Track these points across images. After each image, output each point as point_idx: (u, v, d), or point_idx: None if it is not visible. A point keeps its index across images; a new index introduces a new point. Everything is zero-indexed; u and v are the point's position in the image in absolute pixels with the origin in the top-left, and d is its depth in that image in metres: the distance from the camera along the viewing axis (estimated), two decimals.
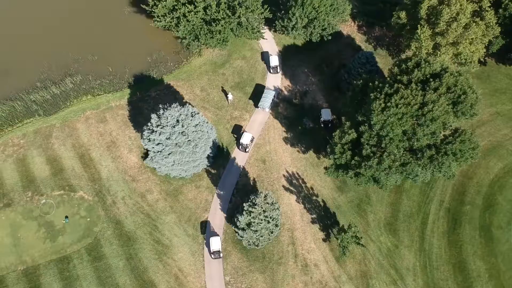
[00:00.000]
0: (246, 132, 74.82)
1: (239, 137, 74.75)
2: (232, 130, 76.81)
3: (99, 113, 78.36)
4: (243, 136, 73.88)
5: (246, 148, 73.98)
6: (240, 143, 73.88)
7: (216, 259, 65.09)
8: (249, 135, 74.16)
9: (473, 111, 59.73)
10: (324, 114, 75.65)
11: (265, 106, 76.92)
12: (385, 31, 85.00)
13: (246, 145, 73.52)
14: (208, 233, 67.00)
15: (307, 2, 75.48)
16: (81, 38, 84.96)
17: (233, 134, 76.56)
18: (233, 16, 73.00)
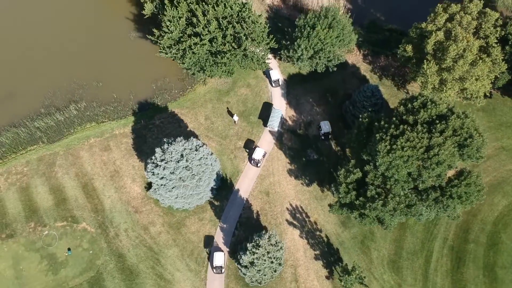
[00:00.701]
0: (258, 147, 75.64)
1: (251, 151, 75.60)
2: (244, 145, 77.58)
3: (103, 141, 78.21)
4: (256, 151, 74.61)
5: (258, 163, 74.64)
6: (252, 158, 74.68)
7: (217, 273, 65.99)
8: (262, 150, 74.93)
9: (479, 154, 59.48)
10: (323, 127, 76.66)
11: (274, 125, 77.33)
12: (391, 61, 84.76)
13: (258, 160, 74.26)
14: (211, 268, 66.91)
15: (313, 34, 75.26)
16: (86, 63, 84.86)
17: (245, 149, 77.21)
18: (239, 49, 72.76)
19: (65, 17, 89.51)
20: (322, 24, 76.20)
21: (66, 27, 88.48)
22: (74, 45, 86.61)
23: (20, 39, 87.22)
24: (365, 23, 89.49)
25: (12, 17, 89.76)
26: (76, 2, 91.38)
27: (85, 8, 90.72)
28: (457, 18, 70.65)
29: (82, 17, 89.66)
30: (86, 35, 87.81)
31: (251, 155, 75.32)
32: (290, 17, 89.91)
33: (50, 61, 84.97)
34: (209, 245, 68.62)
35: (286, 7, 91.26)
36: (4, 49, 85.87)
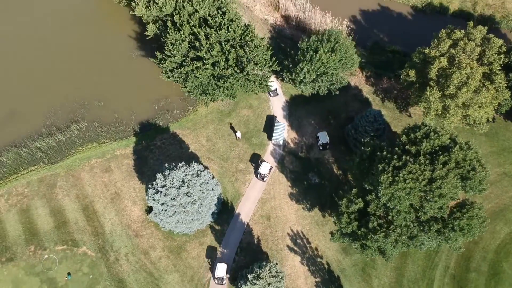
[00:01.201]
0: (264, 162, 75.98)
1: (257, 166, 75.98)
2: (250, 158, 77.77)
3: (104, 162, 77.98)
4: (262, 166, 75.05)
5: (264, 177, 75.08)
6: (258, 173, 75.00)
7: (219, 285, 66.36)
8: (268, 165, 75.32)
9: (482, 186, 59.19)
10: (321, 138, 77.14)
11: (279, 139, 77.89)
12: (393, 83, 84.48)
13: (264, 174, 74.69)
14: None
15: (316, 58, 75.00)
16: (87, 82, 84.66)
17: (251, 163, 77.38)
18: (241, 73, 72.51)
19: (68, 35, 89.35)
20: (325, 47, 75.97)
21: (68, 45, 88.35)
22: (76, 64, 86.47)
23: (21, 57, 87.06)
24: (368, 44, 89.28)
25: (14, 36, 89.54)
26: (78, 20, 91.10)
27: (88, 26, 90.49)
28: (461, 44, 70.39)
29: (84, 35, 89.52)
30: (88, 53, 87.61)
31: (257, 169, 75.64)
32: (292, 37, 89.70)
33: (52, 79, 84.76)
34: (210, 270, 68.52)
35: (289, 27, 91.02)
36: (6, 68, 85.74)
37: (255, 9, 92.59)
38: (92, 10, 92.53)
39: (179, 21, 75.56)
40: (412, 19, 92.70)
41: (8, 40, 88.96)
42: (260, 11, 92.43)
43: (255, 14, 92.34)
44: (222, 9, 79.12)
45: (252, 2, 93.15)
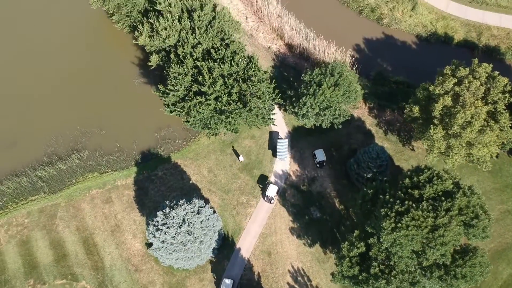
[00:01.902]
0: (272, 184, 76.26)
1: (265, 187, 76.39)
2: (257, 180, 78.19)
3: (104, 193, 77.63)
4: (269, 188, 75.34)
5: (271, 200, 75.46)
6: (265, 195, 75.37)
7: None
8: (275, 187, 75.61)
9: (485, 234, 58.65)
10: (318, 155, 78.14)
11: (283, 156, 78.61)
12: (397, 115, 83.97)
13: (271, 197, 75.09)
14: None
15: (319, 92, 74.55)
16: (89, 109, 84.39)
17: (259, 184, 77.66)
18: (244, 109, 72.09)
19: (70, 61, 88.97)
20: (328, 81, 75.50)
21: (70, 71, 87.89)
22: (77, 90, 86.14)
23: (23, 84, 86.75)
24: (372, 74, 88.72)
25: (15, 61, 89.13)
26: (80, 45, 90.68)
27: (90, 52, 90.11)
28: (465, 83, 69.81)
29: (86, 60, 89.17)
30: (90, 79, 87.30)
31: (264, 191, 76.04)
32: (296, 66, 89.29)
33: (53, 106, 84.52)
34: None
35: (293, 55, 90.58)
36: (7, 94, 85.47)
37: (258, 36, 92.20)
38: (94, 36, 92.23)
39: (182, 53, 75.15)
40: (417, 48, 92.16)
41: (9, 66, 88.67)
42: (263, 39, 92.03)
43: (258, 42, 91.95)
44: (226, 40, 78.78)
45: (256, 30, 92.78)
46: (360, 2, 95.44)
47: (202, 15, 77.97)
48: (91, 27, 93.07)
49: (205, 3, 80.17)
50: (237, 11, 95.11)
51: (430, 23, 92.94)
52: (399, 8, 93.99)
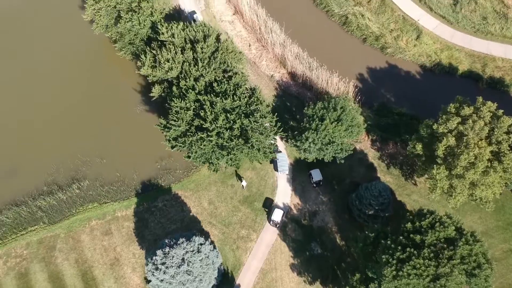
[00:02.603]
0: (277, 208, 76.47)
1: (270, 211, 76.97)
2: (263, 204, 78.53)
3: (104, 224, 77.24)
4: (274, 212, 75.87)
5: (277, 224, 75.75)
6: (271, 219, 75.66)
7: None
8: (280, 211, 75.79)
9: (487, 284, 58.01)
10: (314, 175, 78.92)
11: (285, 170, 79.16)
12: (399, 148, 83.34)
13: (277, 222, 75.54)
14: None
15: (322, 128, 73.97)
16: (90, 137, 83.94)
17: (264, 209, 78.10)
18: (246, 145, 71.60)
19: (71, 88, 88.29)
20: (331, 116, 74.98)
21: (71, 98, 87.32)
22: (79, 117, 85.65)
23: (22, 111, 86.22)
24: (375, 104, 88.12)
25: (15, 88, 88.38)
26: (82, 72, 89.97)
27: (92, 78, 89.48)
28: (469, 123, 69.11)
29: (88, 87, 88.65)
30: (92, 106, 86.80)
31: (269, 215, 76.37)
32: (298, 96, 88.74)
33: (54, 134, 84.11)
34: None
35: (295, 84, 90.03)
36: (7, 121, 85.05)
37: (261, 64, 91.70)
38: (96, 62, 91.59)
39: (185, 86, 74.73)
40: (420, 79, 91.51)
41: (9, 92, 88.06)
42: (266, 67, 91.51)
43: (261, 70, 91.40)
44: (228, 72, 78.34)
45: (259, 58, 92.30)
46: (364, 30, 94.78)
47: (205, 47, 77.50)
48: (93, 53, 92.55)
49: (208, 34, 79.70)
50: (240, 38, 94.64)
51: (434, 53, 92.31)
52: (403, 37, 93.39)
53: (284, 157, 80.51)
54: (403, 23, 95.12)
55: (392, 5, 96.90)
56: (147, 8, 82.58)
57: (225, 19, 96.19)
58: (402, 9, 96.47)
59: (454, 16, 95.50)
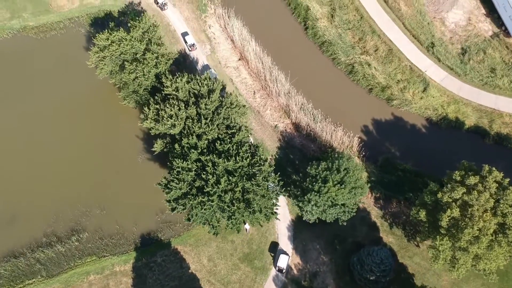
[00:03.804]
0: (282, 254, 76.47)
1: (276, 256, 77.37)
2: (268, 248, 78.48)
3: (102, 279, 76.43)
4: (280, 259, 76.44)
5: (283, 270, 75.86)
6: (277, 266, 76.10)
7: None
8: (286, 257, 76.39)
9: None
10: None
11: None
12: (403, 207, 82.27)
13: (282, 268, 75.68)
14: None
15: (324, 190, 73.01)
16: (91, 186, 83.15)
17: (270, 253, 78.07)
18: (247, 209, 70.72)
19: (72, 134, 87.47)
20: (334, 178, 73.93)
21: (72, 144, 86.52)
22: (80, 165, 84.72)
23: (23, 158, 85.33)
24: (379, 159, 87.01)
25: (16, 136, 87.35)
26: (84, 117, 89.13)
27: (94, 125, 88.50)
28: (474, 194, 67.96)
29: (90, 134, 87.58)
30: (93, 153, 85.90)
31: (275, 261, 76.71)
32: (302, 148, 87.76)
33: (55, 181, 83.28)
34: None
35: (299, 135, 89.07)
36: (7, 169, 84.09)
37: (265, 114, 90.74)
38: (99, 108, 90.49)
39: (187, 144, 73.94)
40: (426, 133, 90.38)
41: (8, 138, 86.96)
42: (270, 116, 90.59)
43: (265, 119, 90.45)
44: (232, 129, 77.44)
45: (263, 106, 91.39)
46: (370, 80, 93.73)
47: (209, 103, 76.67)
48: (96, 98, 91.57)
49: (213, 89, 78.84)
50: (245, 85, 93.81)
51: (441, 106, 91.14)
52: (410, 88, 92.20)
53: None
54: (410, 74, 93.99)
55: (400, 55, 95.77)
56: (152, 59, 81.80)
57: (230, 65, 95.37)
58: (409, 59, 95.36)
59: (462, 68, 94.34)
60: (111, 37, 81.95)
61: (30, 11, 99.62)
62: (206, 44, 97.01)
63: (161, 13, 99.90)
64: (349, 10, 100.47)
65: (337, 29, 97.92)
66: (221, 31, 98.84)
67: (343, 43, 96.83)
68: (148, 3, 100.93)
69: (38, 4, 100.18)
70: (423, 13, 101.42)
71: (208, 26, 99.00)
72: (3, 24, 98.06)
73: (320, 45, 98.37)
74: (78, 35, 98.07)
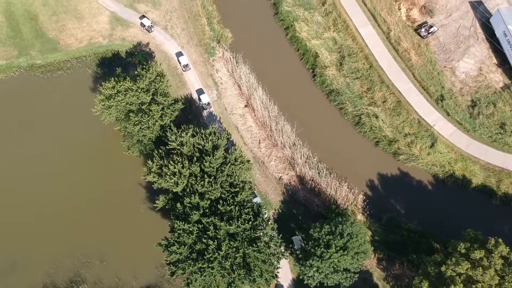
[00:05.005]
0: None
1: None
2: None
3: None
4: None
5: None
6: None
7: None
8: None
9: None
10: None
11: None
12: (406, 270, 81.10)
13: None
14: None
15: (327, 256, 72.03)
16: (92, 235, 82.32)
17: None
18: (248, 277, 69.86)
19: (73, 181, 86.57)
20: (337, 243, 72.90)
21: (73, 191, 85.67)
22: (81, 213, 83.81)
23: (25, 205, 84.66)
24: (384, 218, 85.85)
25: (19, 181, 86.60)
26: (87, 163, 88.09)
27: (96, 171, 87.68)
28: (479, 271, 66.81)
29: (93, 182, 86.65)
30: (94, 203, 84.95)
31: None
32: (306, 203, 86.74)
33: (55, 230, 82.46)
34: None
35: (303, 188, 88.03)
36: (8, 216, 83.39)
37: (270, 165, 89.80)
38: (101, 153, 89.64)
39: (189, 204, 73.26)
40: (432, 190, 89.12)
41: (9, 184, 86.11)
42: (275, 167, 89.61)
43: (269, 171, 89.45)
44: (235, 187, 76.62)
45: (268, 157, 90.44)
46: (377, 133, 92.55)
47: (213, 160, 75.90)
48: (100, 144, 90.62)
49: (217, 145, 78.06)
50: (251, 133, 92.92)
51: (448, 163, 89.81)
52: (417, 143, 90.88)
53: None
54: (418, 128, 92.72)
55: (408, 107, 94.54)
56: (157, 111, 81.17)
57: (236, 112, 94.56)
58: (418, 112, 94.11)
59: (471, 123, 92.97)
60: (117, 86, 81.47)
61: (38, 49, 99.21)
62: (212, 89, 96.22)
63: (169, 55, 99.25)
64: (358, 58, 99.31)
65: (345, 78, 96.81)
66: (228, 76, 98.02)
67: (351, 93, 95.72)
68: (156, 44, 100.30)
69: (46, 42, 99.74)
70: (433, 62, 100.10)
71: (215, 70, 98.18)
72: (11, 62, 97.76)
73: (327, 93, 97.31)
74: (85, 76, 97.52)
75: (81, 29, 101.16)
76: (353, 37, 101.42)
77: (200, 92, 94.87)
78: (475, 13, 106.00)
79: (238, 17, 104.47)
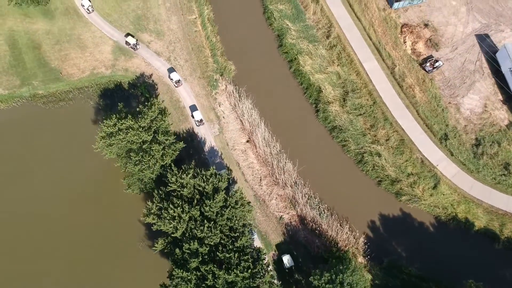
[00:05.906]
0: None
1: None
2: None
3: None
4: None
5: None
6: None
7: None
8: None
9: None
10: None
11: None
12: None
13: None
14: None
15: None
16: (89, 276, 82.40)
17: None
18: None
19: (73, 218, 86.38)
20: None
21: (71, 228, 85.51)
22: (78, 250, 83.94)
23: (21, 240, 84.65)
24: (384, 261, 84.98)
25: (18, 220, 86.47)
26: (87, 200, 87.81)
27: (96, 208, 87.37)
28: None
29: (91, 217, 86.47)
30: (92, 239, 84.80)
31: None
32: (306, 244, 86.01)
33: (54, 267, 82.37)
34: None
35: (304, 229, 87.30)
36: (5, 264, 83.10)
37: (271, 203, 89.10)
38: (101, 189, 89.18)
39: (188, 250, 72.67)
40: (434, 232, 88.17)
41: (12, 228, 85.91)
42: (276, 206, 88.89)
43: (270, 210, 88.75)
44: (235, 232, 75.96)
45: (269, 195, 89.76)
46: (380, 172, 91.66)
47: (214, 204, 75.29)
48: (100, 179, 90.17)
49: (218, 187, 77.47)
50: (252, 170, 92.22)
51: (451, 205, 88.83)
52: (420, 184, 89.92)
53: None
54: (421, 168, 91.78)
55: (411, 146, 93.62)
56: (158, 151, 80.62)
57: (238, 147, 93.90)
58: (421, 151, 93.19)
59: (474, 163, 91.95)
60: (118, 124, 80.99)
61: (40, 79, 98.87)
62: (214, 124, 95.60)
63: (172, 88, 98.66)
64: (362, 93, 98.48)
65: (348, 115, 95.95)
66: (230, 110, 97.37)
67: (354, 130, 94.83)
68: (159, 76, 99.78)
69: (48, 72, 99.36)
70: (438, 97, 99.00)
71: (218, 103, 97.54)
72: (13, 92, 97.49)
73: (330, 129, 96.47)
74: (86, 107, 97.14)
75: (83, 59, 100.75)
76: (357, 72, 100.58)
77: (193, 109, 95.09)
78: (481, 46, 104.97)
79: (242, 48, 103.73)
